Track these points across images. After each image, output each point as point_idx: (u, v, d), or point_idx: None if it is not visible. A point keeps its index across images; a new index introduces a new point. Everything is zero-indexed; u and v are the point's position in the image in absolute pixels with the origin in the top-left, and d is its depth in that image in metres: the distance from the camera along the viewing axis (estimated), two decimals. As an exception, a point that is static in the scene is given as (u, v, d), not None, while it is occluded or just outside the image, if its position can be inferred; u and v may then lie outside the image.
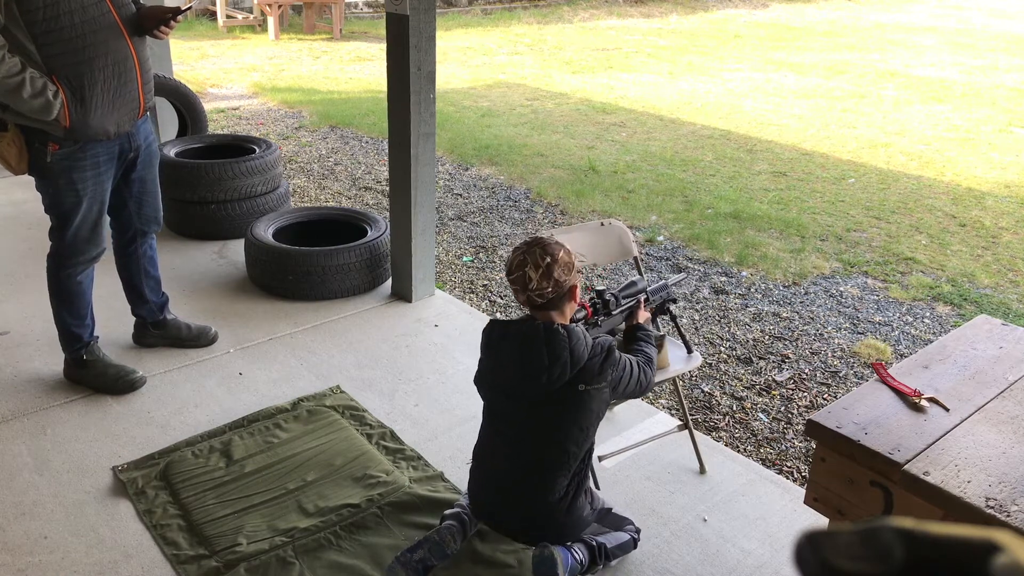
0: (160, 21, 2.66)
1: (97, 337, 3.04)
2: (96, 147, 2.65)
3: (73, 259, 2.81)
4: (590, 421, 1.99)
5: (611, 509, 2.24)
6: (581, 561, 2.06)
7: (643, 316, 2.36)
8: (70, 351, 2.98)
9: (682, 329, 2.58)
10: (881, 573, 0.37)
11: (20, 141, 2.57)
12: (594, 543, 2.12)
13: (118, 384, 2.97)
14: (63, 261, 2.82)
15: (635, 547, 2.26)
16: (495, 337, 1.99)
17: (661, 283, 2.48)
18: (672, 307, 2.53)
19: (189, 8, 2.82)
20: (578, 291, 1.98)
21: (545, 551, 1.99)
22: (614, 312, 2.28)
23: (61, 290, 2.87)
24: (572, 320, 2.12)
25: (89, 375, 2.98)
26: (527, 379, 1.92)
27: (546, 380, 1.89)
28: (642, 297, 2.37)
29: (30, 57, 2.43)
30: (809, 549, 0.39)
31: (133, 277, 3.14)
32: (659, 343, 2.48)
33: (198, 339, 3.30)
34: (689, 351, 2.58)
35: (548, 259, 1.87)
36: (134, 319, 3.27)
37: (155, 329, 3.26)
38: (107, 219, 2.88)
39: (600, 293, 2.25)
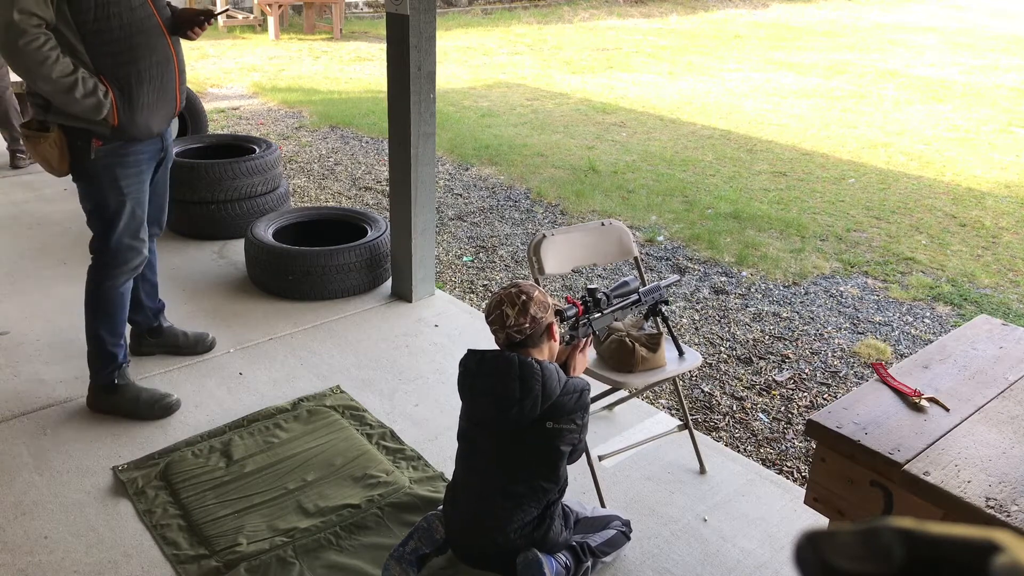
0: (193, 23, 2.67)
1: (129, 361, 2.91)
2: (139, 146, 2.63)
3: (117, 268, 2.72)
4: (557, 460, 1.99)
5: (586, 516, 2.21)
6: (566, 564, 2.07)
7: (581, 363, 2.17)
8: (102, 374, 2.81)
9: (674, 331, 2.58)
10: (881, 573, 0.37)
11: (62, 142, 2.53)
12: (575, 543, 2.12)
13: (155, 409, 2.83)
14: (107, 272, 2.72)
15: (627, 540, 2.25)
16: (471, 367, 1.99)
17: (653, 284, 2.48)
18: (664, 309, 2.51)
19: (226, 10, 2.84)
20: (556, 329, 1.98)
21: (530, 554, 2.00)
22: (605, 311, 2.28)
23: (101, 303, 2.75)
24: (563, 318, 2.12)
25: (121, 401, 2.83)
26: (498, 411, 1.92)
27: (516, 413, 1.89)
28: (583, 339, 2.22)
29: (78, 57, 2.42)
30: (809, 549, 0.39)
31: None
32: (656, 342, 2.48)
33: (195, 346, 3.26)
34: (681, 353, 2.57)
35: (524, 297, 1.91)
36: (129, 328, 3.22)
37: (151, 337, 3.22)
38: (146, 227, 2.78)
39: (592, 291, 2.25)
